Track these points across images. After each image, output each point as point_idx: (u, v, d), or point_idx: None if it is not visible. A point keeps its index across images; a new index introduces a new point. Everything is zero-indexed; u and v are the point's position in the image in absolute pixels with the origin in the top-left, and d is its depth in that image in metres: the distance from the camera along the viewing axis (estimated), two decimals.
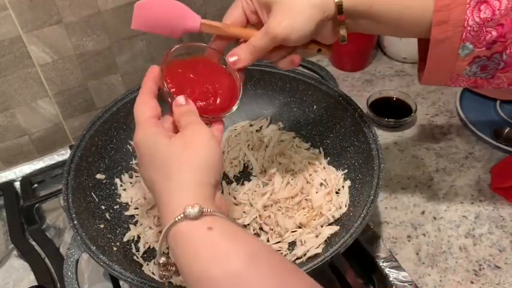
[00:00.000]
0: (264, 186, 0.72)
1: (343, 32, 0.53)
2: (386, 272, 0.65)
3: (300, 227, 0.67)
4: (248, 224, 0.68)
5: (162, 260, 0.44)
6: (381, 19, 0.52)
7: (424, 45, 0.56)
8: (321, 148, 0.77)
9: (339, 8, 0.51)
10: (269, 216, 0.68)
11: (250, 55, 0.54)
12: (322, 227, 0.66)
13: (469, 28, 0.48)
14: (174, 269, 0.44)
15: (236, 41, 0.56)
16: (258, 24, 0.56)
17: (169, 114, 0.51)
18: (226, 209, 0.47)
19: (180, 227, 0.41)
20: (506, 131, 0.84)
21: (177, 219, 0.41)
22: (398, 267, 0.66)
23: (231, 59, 0.54)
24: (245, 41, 0.54)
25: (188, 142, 0.45)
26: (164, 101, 0.52)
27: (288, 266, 0.41)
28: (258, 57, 0.54)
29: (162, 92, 0.52)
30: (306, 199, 0.70)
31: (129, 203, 0.72)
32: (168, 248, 0.43)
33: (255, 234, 0.67)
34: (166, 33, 0.54)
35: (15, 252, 0.74)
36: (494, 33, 0.48)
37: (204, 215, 0.41)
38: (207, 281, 0.38)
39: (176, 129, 0.50)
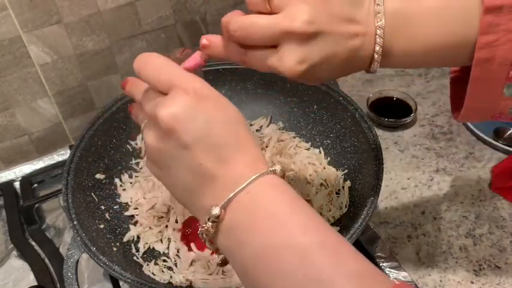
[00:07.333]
0: None
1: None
2: (387, 272, 0.65)
3: None
4: None
5: (220, 211, 0.38)
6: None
7: (456, 86, 0.52)
8: (321, 148, 0.77)
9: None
10: None
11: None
12: None
13: None
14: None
15: None
16: None
17: None
18: None
19: (265, 179, 0.38)
20: (507, 131, 0.84)
21: (270, 170, 0.39)
22: (399, 267, 0.66)
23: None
24: None
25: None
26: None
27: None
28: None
29: None
30: (306, 200, 0.69)
31: (129, 203, 0.72)
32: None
33: None
34: None
35: (14, 252, 0.74)
36: None
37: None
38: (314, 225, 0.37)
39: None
